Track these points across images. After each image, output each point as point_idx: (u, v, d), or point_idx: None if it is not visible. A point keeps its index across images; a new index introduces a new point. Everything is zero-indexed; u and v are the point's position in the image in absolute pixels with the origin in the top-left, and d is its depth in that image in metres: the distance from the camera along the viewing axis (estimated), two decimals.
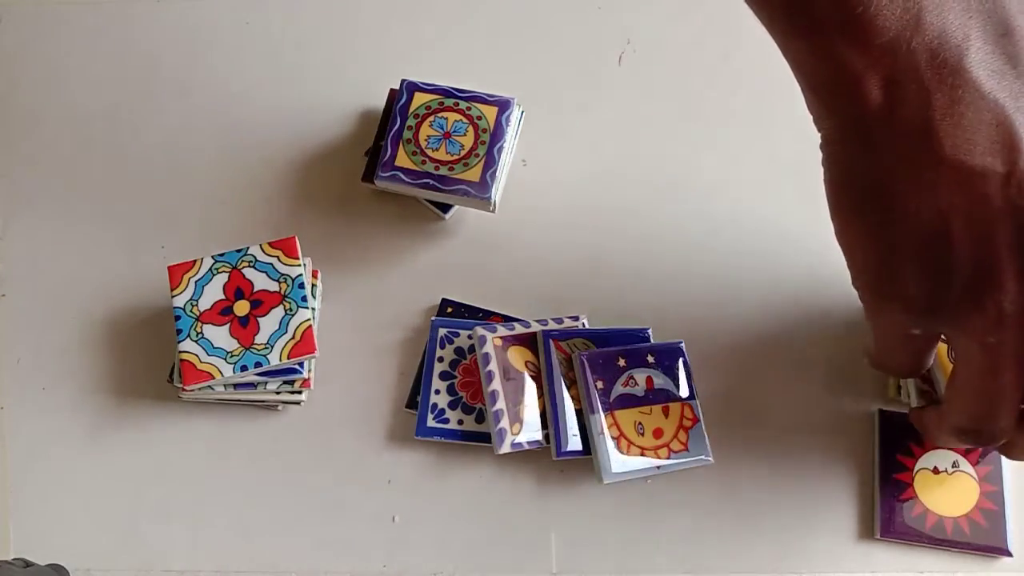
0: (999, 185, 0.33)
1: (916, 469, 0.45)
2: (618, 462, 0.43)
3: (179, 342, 0.44)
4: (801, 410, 0.47)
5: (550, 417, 0.44)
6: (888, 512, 0.44)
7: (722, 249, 0.50)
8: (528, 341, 0.46)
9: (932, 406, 0.43)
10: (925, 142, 0.34)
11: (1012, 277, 0.34)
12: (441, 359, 0.47)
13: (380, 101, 0.52)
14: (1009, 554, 0.44)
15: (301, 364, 0.45)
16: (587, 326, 0.48)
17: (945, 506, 0.44)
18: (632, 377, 0.45)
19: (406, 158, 0.48)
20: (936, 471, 0.45)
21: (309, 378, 0.45)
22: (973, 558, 0.44)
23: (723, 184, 0.52)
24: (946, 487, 0.45)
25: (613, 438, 0.44)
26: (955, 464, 0.45)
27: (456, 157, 0.48)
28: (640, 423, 0.44)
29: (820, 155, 0.38)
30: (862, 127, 0.35)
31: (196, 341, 0.44)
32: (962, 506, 0.45)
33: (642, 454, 0.44)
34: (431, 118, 0.49)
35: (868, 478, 0.46)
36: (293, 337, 0.44)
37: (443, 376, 0.46)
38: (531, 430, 0.44)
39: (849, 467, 0.46)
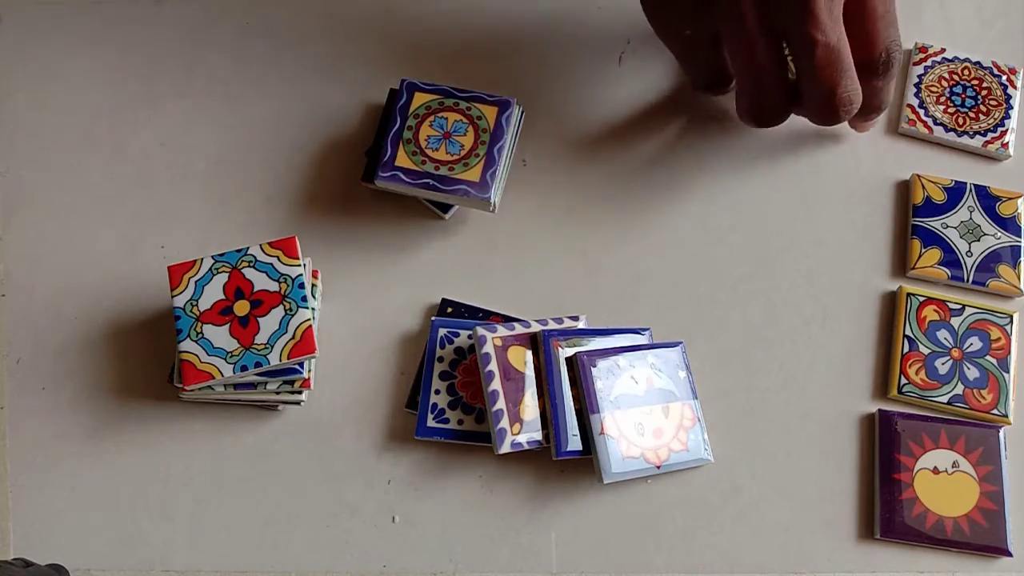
0: None
1: (916, 469, 0.45)
2: (618, 462, 0.43)
3: (179, 342, 0.44)
4: (801, 410, 0.47)
5: (550, 417, 0.44)
6: (888, 512, 0.44)
7: (722, 249, 0.50)
8: (528, 341, 0.46)
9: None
10: None
11: None
12: (441, 359, 0.47)
13: (380, 101, 0.52)
14: (1009, 554, 0.44)
15: (301, 364, 0.45)
16: (587, 326, 0.48)
17: (945, 506, 0.44)
18: (632, 377, 0.45)
19: (406, 158, 0.48)
20: (936, 471, 0.45)
21: (309, 378, 0.45)
22: (973, 558, 0.44)
23: (723, 184, 0.52)
24: (946, 487, 0.45)
25: (613, 438, 0.44)
26: (955, 464, 0.45)
27: (456, 157, 0.48)
28: (640, 423, 0.44)
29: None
30: None
31: (196, 341, 0.44)
32: (962, 506, 0.45)
33: (642, 454, 0.44)
34: (431, 118, 0.49)
35: (868, 478, 0.46)
36: (293, 337, 0.44)
37: (443, 376, 0.46)
38: (531, 430, 0.44)
39: (849, 467, 0.46)
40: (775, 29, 0.44)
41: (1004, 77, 0.54)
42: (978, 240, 0.50)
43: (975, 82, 0.54)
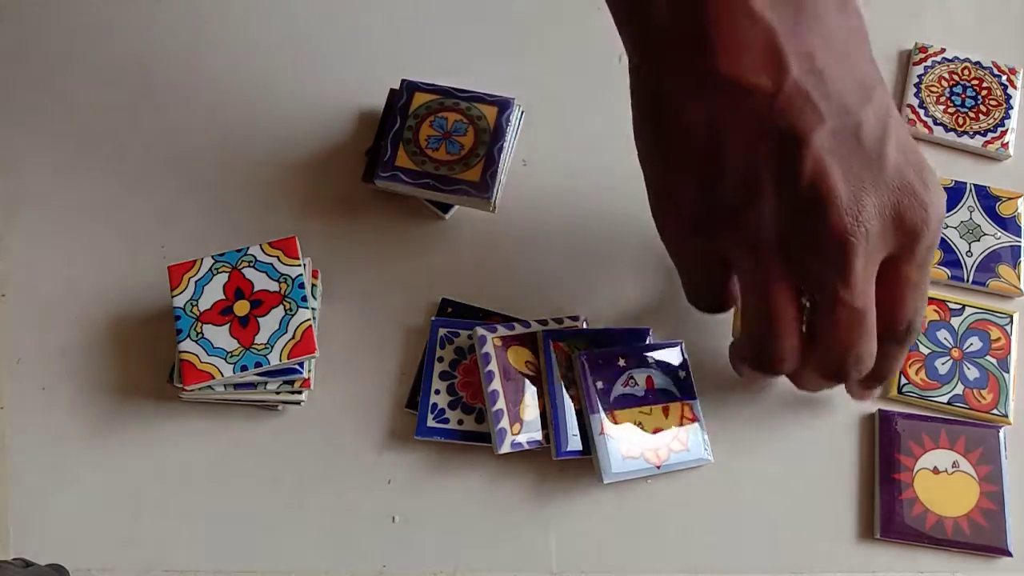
0: (767, 102, 0.35)
1: (916, 469, 0.45)
2: (618, 462, 0.43)
3: (179, 342, 0.44)
4: (801, 410, 0.47)
5: (550, 417, 0.44)
6: (888, 512, 0.44)
7: None
8: (528, 341, 0.46)
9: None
10: (701, 54, 0.35)
11: (771, 189, 0.36)
12: (441, 359, 0.47)
13: (380, 101, 0.52)
14: (1009, 554, 0.44)
15: (301, 364, 0.45)
16: (587, 326, 0.48)
17: (945, 506, 0.44)
18: (632, 377, 0.45)
19: (406, 158, 0.48)
20: (936, 471, 0.45)
21: (309, 378, 0.45)
22: (973, 558, 0.44)
23: None
24: (946, 487, 0.45)
25: (613, 438, 0.44)
26: (955, 464, 0.45)
27: (456, 157, 0.48)
28: (640, 423, 0.44)
29: None
30: (648, 38, 0.38)
31: (196, 341, 0.44)
32: (962, 506, 0.45)
33: (642, 454, 0.44)
34: (431, 118, 0.49)
35: (868, 478, 0.46)
36: (293, 337, 0.44)
37: (443, 376, 0.46)
38: (531, 430, 0.44)
39: (849, 467, 0.46)
40: (797, 281, 0.38)
41: (1004, 77, 0.54)
42: (978, 240, 0.50)
43: (975, 82, 0.54)
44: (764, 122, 0.35)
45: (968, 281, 0.49)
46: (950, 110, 0.53)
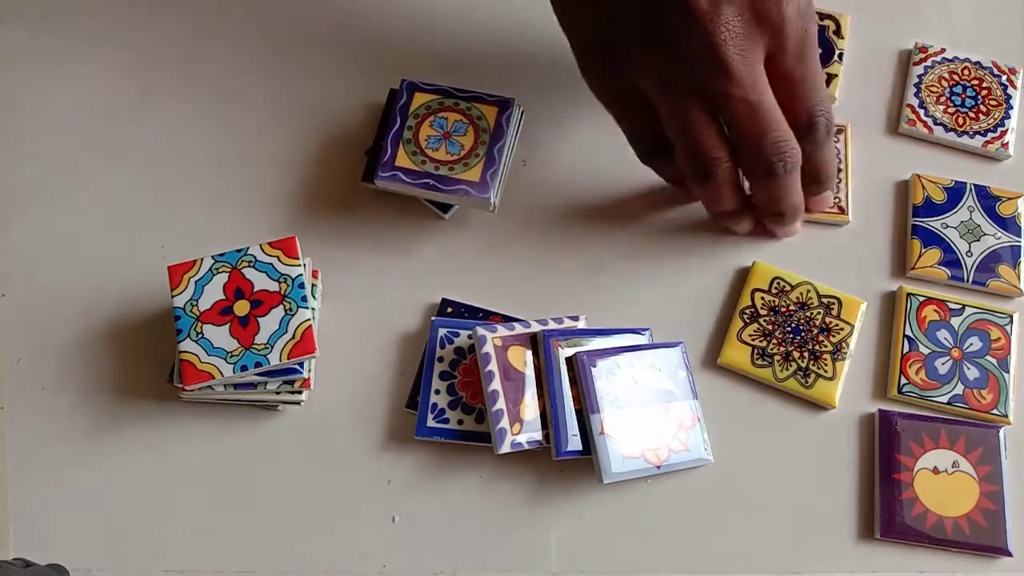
0: None
1: (916, 469, 0.45)
2: (618, 462, 0.43)
3: (179, 342, 0.44)
4: (801, 410, 0.47)
5: (550, 417, 0.44)
6: (888, 512, 0.44)
7: (723, 249, 0.50)
8: (528, 341, 0.46)
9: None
10: None
11: (643, 19, 0.43)
12: (441, 359, 0.47)
13: (380, 101, 0.52)
14: (1009, 554, 0.44)
15: (301, 364, 0.45)
16: (587, 326, 0.48)
17: (945, 506, 0.44)
18: (632, 377, 0.45)
19: (406, 158, 0.48)
20: (936, 471, 0.45)
21: (309, 378, 0.45)
22: (973, 558, 0.44)
23: None
24: (946, 487, 0.45)
25: (613, 438, 0.44)
26: (955, 464, 0.45)
27: (456, 157, 0.48)
28: (640, 423, 0.44)
29: None
30: None
31: (196, 341, 0.44)
32: (962, 506, 0.45)
33: (642, 454, 0.44)
34: (431, 118, 0.49)
35: (868, 478, 0.46)
36: (293, 337, 0.44)
37: (443, 376, 0.46)
38: (531, 430, 0.44)
39: (849, 467, 0.46)
40: (695, 88, 0.43)
41: (1004, 77, 0.54)
42: (978, 240, 0.50)
43: (975, 82, 0.54)
44: None
45: (968, 281, 0.49)
46: (950, 110, 0.53)
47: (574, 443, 0.44)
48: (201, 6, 0.56)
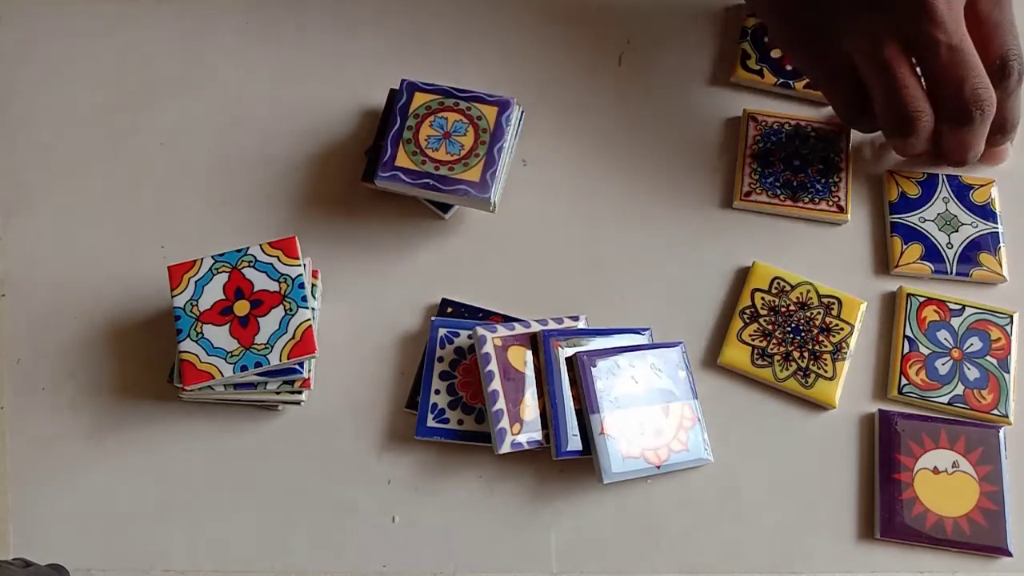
0: None
1: (916, 469, 0.45)
2: (618, 462, 0.43)
3: (179, 342, 0.44)
4: (801, 410, 0.47)
5: (550, 417, 0.44)
6: (888, 512, 0.44)
7: (722, 250, 0.50)
8: (528, 341, 0.46)
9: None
10: None
11: None
12: (441, 359, 0.47)
13: (380, 101, 0.52)
14: (1009, 554, 0.44)
15: (301, 364, 0.45)
16: (587, 326, 0.48)
17: (945, 506, 0.44)
18: (632, 377, 0.45)
19: (406, 158, 0.48)
20: (936, 471, 0.45)
21: (309, 378, 0.45)
22: (973, 558, 0.44)
23: (724, 183, 0.52)
24: (946, 487, 0.45)
25: (613, 438, 0.44)
26: (955, 464, 0.45)
27: (456, 157, 0.48)
28: (640, 423, 0.44)
29: None
30: None
31: (196, 341, 0.44)
32: (962, 506, 0.44)
33: (642, 454, 0.44)
34: (431, 118, 0.49)
35: (868, 478, 0.46)
36: (293, 337, 0.44)
37: (443, 376, 0.46)
38: (531, 430, 0.44)
39: (849, 467, 0.46)
40: (899, 37, 0.45)
41: None
42: (956, 231, 0.50)
43: None
44: None
45: (952, 273, 0.49)
46: None
47: (574, 443, 0.44)
48: (201, 6, 0.56)
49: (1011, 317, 0.48)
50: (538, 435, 0.44)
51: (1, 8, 0.56)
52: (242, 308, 0.45)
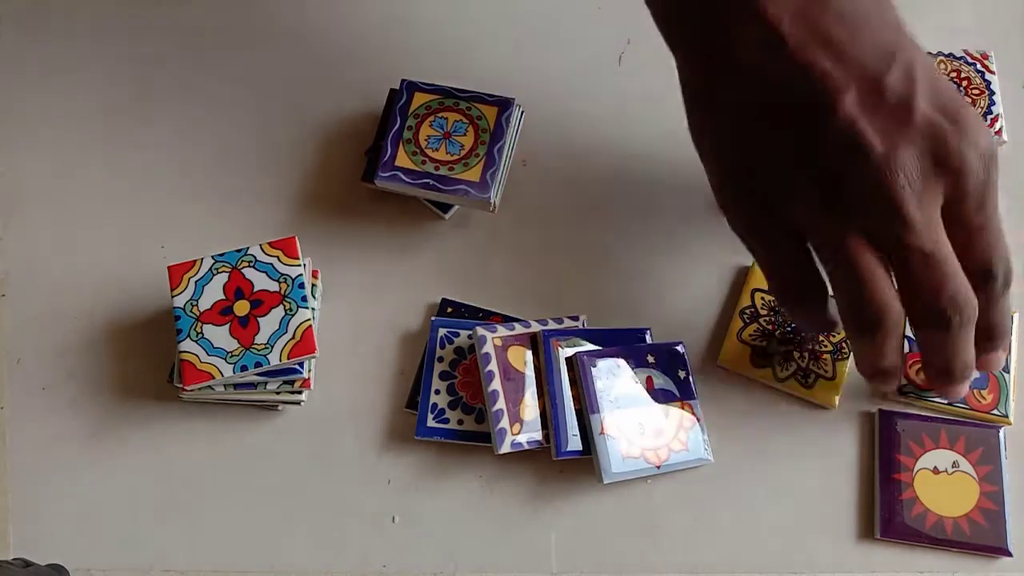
0: (786, 79, 0.39)
1: (916, 469, 0.45)
2: (618, 462, 0.43)
3: (179, 342, 0.44)
4: (801, 410, 0.47)
5: (550, 417, 0.44)
6: (888, 512, 0.44)
7: (722, 250, 0.50)
8: (528, 341, 0.46)
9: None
10: (718, 48, 0.40)
11: (810, 159, 0.39)
12: (441, 359, 0.47)
13: (380, 101, 0.52)
14: (1009, 554, 0.44)
15: (301, 364, 0.45)
16: (587, 326, 0.48)
17: (945, 506, 0.44)
18: (632, 377, 0.45)
19: (406, 158, 0.48)
20: (936, 471, 0.45)
21: (309, 378, 0.45)
22: (973, 558, 0.44)
23: None
24: (946, 487, 0.45)
25: (613, 438, 0.44)
26: (955, 464, 0.45)
27: (456, 157, 0.48)
28: (640, 423, 0.44)
29: None
30: (672, 38, 0.43)
31: (196, 341, 0.44)
32: (962, 506, 0.44)
33: (642, 454, 0.44)
34: (431, 118, 0.49)
35: (868, 478, 0.46)
36: (293, 337, 0.44)
37: (443, 376, 0.46)
38: (531, 430, 0.44)
39: (849, 467, 0.46)
40: (865, 233, 0.39)
41: (978, 64, 0.54)
42: None
43: (953, 74, 0.53)
44: (792, 97, 0.39)
45: None
46: None
47: (574, 443, 0.44)
48: (201, 6, 0.56)
49: (1012, 317, 0.48)
50: (538, 435, 0.44)
51: (1, 8, 0.56)
52: (242, 308, 0.45)
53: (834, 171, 0.38)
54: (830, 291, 0.41)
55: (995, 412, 0.46)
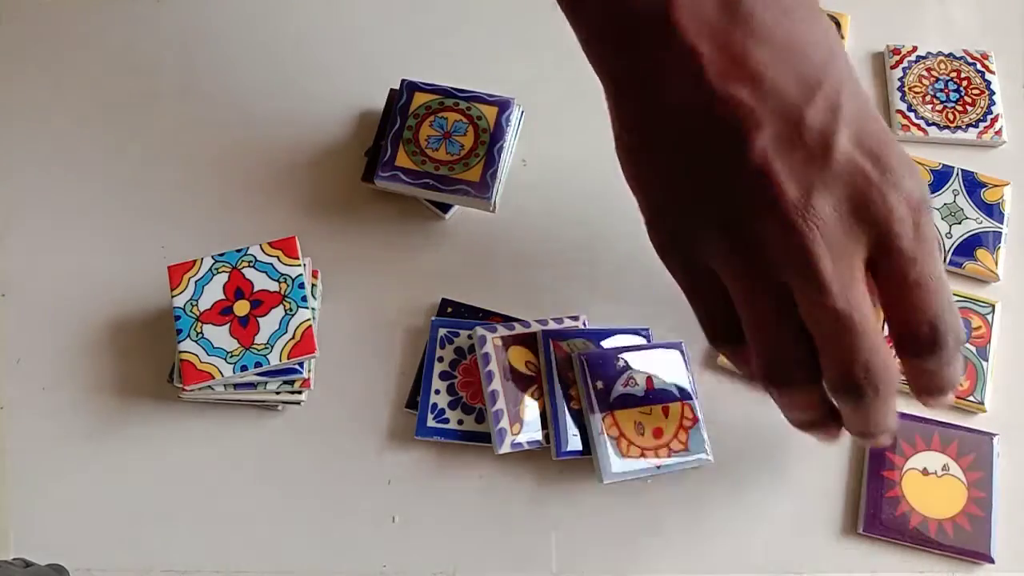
0: (700, 117, 0.36)
1: (905, 468, 0.45)
2: (618, 462, 0.43)
3: (179, 342, 0.44)
4: None
5: (550, 417, 0.44)
6: (873, 508, 0.44)
7: None
8: (528, 341, 0.46)
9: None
10: (642, 83, 0.38)
11: (722, 201, 0.36)
12: (441, 359, 0.47)
13: (380, 101, 0.52)
14: (992, 560, 0.44)
15: (301, 364, 0.45)
16: (587, 326, 0.48)
17: (931, 507, 0.44)
18: (632, 377, 0.45)
19: (406, 158, 0.48)
20: (926, 472, 0.45)
21: (309, 378, 0.45)
22: (954, 561, 0.44)
23: None
24: (934, 489, 0.45)
25: (613, 438, 0.44)
26: (945, 467, 0.45)
27: (456, 157, 0.48)
28: (640, 423, 0.44)
29: None
30: (608, 75, 0.40)
31: (196, 341, 0.44)
32: (948, 509, 0.44)
33: (642, 454, 0.44)
34: (431, 118, 0.49)
35: (861, 476, 0.46)
36: (293, 337, 0.44)
37: (443, 376, 0.46)
38: (531, 430, 0.44)
39: (849, 468, 0.46)
40: (776, 286, 0.36)
41: (978, 64, 0.54)
42: (959, 223, 0.50)
43: (953, 74, 0.54)
44: (709, 131, 0.35)
45: (945, 262, 0.49)
46: (938, 107, 0.53)
47: (574, 443, 0.44)
48: (201, 6, 0.56)
49: (993, 307, 0.48)
50: (538, 435, 0.44)
51: (1, 8, 0.56)
52: (242, 308, 0.45)
53: (744, 218, 0.35)
54: None
55: (971, 399, 0.46)
